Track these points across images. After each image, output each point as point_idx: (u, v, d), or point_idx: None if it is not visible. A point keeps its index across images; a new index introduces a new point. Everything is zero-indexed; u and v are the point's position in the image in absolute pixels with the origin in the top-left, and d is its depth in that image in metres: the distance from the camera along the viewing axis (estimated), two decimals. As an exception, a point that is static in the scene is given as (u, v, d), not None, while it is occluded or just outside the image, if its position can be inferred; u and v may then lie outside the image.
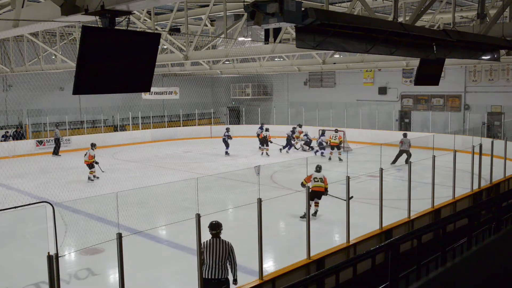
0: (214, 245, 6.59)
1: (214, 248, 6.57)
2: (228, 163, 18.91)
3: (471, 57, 9.82)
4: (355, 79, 30.61)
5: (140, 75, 5.88)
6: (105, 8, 5.31)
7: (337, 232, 10.66)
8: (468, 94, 26.53)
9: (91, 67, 5.33)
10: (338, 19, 6.03)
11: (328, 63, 19.39)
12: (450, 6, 11.10)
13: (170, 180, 14.73)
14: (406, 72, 28.10)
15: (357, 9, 13.28)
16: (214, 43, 15.94)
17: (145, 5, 7.29)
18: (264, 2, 4.96)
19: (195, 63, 22.58)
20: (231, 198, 14.61)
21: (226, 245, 6.63)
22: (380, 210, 9.19)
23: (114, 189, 10.11)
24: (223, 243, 6.65)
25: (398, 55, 8.57)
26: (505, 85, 24.93)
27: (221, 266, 6.53)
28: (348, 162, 14.91)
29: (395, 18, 7.87)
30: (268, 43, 13.95)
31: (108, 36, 5.48)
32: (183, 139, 29.51)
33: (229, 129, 23.67)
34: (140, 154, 23.95)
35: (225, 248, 6.59)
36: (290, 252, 9.05)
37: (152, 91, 27.28)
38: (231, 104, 36.44)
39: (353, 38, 6.52)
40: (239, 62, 23.75)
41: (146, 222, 11.04)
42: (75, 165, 19.51)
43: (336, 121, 27.68)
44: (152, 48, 5.88)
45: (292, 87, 34.60)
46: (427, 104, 28.21)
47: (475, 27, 9.16)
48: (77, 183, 16.69)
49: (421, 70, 9.96)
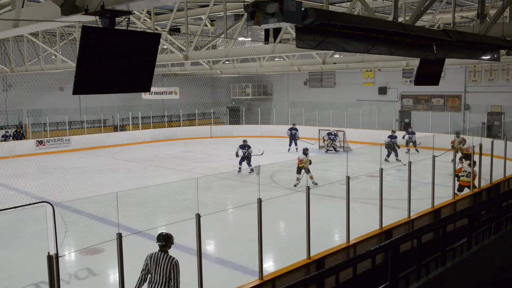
0: (159, 259, 6.03)
1: (158, 262, 6.02)
2: (228, 163, 18.89)
3: (471, 57, 9.82)
4: (355, 79, 30.61)
5: (140, 75, 5.87)
6: (105, 8, 5.31)
7: (337, 232, 10.66)
8: (468, 94, 26.53)
9: (91, 67, 5.32)
10: (338, 19, 6.03)
11: (328, 63, 19.38)
12: (450, 6, 11.09)
13: (170, 180, 14.73)
14: (406, 72, 28.10)
15: (357, 9, 13.28)
16: (214, 43, 15.92)
17: (145, 5, 7.30)
18: (264, 2, 4.96)
19: (195, 63, 22.57)
20: (231, 198, 14.61)
21: (169, 262, 6.01)
22: (380, 210, 9.19)
23: (114, 189, 10.10)
24: (168, 259, 6.05)
25: (398, 55, 8.57)
26: (505, 85, 24.93)
27: (166, 284, 5.96)
28: (348, 162, 14.91)
29: (395, 18, 7.87)
30: (268, 43, 13.94)
31: (108, 36, 5.48)
32: (183, 139, 29.51)
33: (246, 141, 18.84)
34: (140, 154, 23.95)
35: (167, 266, 5.99)
36: (290, 252, 9.04)
37: (152, 91, 27.27)
38: (231, 104, 36.44)
39: (353, 38, 6.52)
40: (239, 62, 23.74)
41: (146, 222, 11.03)
42: (75, 165, 19.52)
43: (336, 121, 27.68)
44: (152, 48, 5.88)
45: (292, 87, 34.60)
46: (427, 104, 28.21)
47: (475, 27, 9.16)
48: (77, 183, 16.68)
49: (421, 70, 9.95)
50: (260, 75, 33.30)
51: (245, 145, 18.19)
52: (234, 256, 9.62)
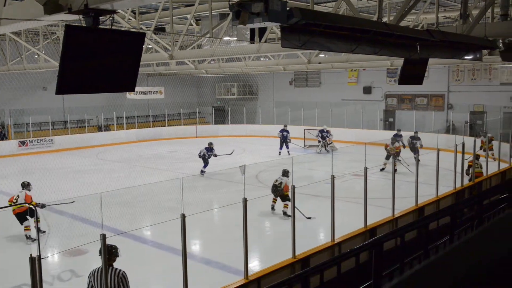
0: (103, 275, 5.59)
1: (103, 278, 5.59)
2: (214, 162, 18.85)
3: (454, 56, 9.94)
4: (340, 78, 30.78)
5: (125, 74, 5.82)
6: (89, 7, 5.26)
7: (322, 231, 10.71)
8: (451, 93, 26.86)
9: (74, 67, 5.26)
10: (323, 19, 6.05)
11: (313, 62, 19.45)
12: (434, 7, 11.22)
13: (155, 180, 14.64)
14: (390, 71, 28.35)
15: (342, 9, 13.36)
16: (199, 42, 15.89)
17: (130, 4, 7.26)
18: (249, 1, 4.96)
19: (180, 62, 22.48)
20: (217, 198, 14.59)
21: (116, 276, 5.64)
22: (365, 209, 9.25)
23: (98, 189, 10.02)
24: (115, 272, 5.66)
25: (382, 55, 8.63)
26: (487, 85, 25.29)
27: None
28: (333, 161, 15.00)
29: (380, 18, 7.93)
30: (253, 42, 13.95)
31: (92, 35, 5.42)
32: (168, 139, 29.38)
33: (212, 143, 18.50)
34: (125, 154, 23.78)
35: (114, 280, 5.60)
36: (275, 251, 9.06)
37: (137, 91, 27.10)
38: (217, 103, 36.37)
39: (338, 38, 6.55)
40: (224, 62, 23.71)
41: (131, 222, 10.96)
42: (58, 165, 19.30)
43: (321, 121, 27.80)
44: (137, 47, 5.84)
45: (278, 87, 34.66)
46: (411, 103, 28.49)
47: (458, 27, 9.27)
48: (60, 184, 16.49)
49: (405, 70, 10.03)
50: (246, 75, 33.30)
51: (210, 147, 18.09)
52: (219, 256, 9.62)
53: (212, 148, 18.09)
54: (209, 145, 18.10)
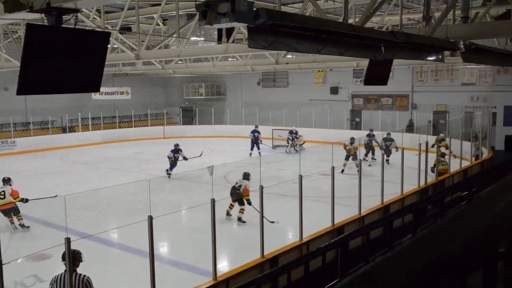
0: (67, 281, 5.44)
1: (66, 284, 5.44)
2: (182, 163, 18.70)
3: (417, 57, 10.18)
4: (308, 79, 31.04)
5: (89, 74, 5.72)
6: (51, 6, 5.14)
7: (290, 231, 10.77)
8: (415, 93, 27.47)
9: (36, 67, 5.13)
10: (290, 19, 6.10)
11: (281, 63, 19.55)
12: (398, 9, 11.44)
13: (121, 182, 14.39)
14: (356, 72, 28.76)
15: (308, 10, 13.46)
16: (166, 42, 15.76)
17: (93, 3, 7.13)
18: (215, 1, 4.95)
19: (147, 62, 22.21)
20: (185, 199, 14.48)
21: (80, 282, 5.50)
22: (332, 208, 9.37)
23: (62, 192, 9.80)
24: (79, 278, 5.52)
25: (348, 56, 8.76)
26: (449, 85, 25.99)
27: None
28: (301, 161, 15.10)
29: (345, 19, 8.04)
30: (221, 43, 13.92)
31: (55, 35, 5.30)
32: (135, 140, 28.97)
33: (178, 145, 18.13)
34: (90, 156, 23.33)
35: (78, 286, 5.47)
36: (244, 251, 9.06)
37: (102, 91, 26.61)
38: (184, 104, 36.10)
39: (304, 39, 6.61)
40: (192, 62, 23.56)
41: (97, 225, 10.76)
42: (21, 168, 18.74)
43: (289, 121, 27.96)
44: (102, 47, 5.75)
45: (246, 87, 34.68)
46: (377, 103, 29.00)
47: (421, 29, 9.49)
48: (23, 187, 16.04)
49: (370, 71, 10.21)
50: (214, 75, 33.18)
51: (177, 149, 17.92)
52: (187, 257, 9.55)
53: (179, 149, 17.88)
54: (175, 147, 17.88)
